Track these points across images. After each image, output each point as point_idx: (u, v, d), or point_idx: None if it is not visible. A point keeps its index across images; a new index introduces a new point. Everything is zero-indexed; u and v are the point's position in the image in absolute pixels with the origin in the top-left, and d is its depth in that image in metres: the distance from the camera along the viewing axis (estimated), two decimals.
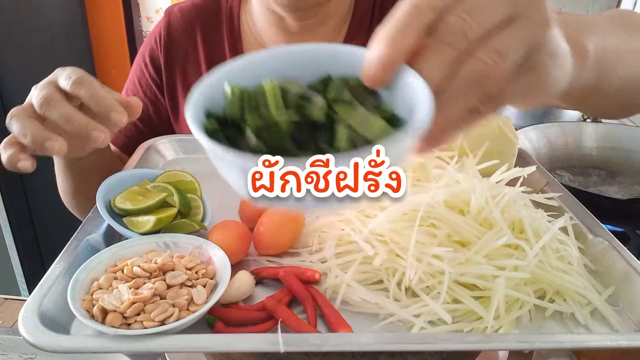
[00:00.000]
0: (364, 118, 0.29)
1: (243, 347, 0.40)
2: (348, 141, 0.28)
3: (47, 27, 1.83)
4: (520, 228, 0.52)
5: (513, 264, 0.47)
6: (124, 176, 0.58)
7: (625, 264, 0.49)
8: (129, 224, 0.52)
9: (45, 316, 0.40)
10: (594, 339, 0.43)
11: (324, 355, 0.44)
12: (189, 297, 0.43)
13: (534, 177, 0.65)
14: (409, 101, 0.29)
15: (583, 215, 0.58)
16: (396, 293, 0.47)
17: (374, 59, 0.29)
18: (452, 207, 0.52)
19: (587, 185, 1.07)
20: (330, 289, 0.48)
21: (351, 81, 0.31)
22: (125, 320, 0.40)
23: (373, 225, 0.50)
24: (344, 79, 0.31)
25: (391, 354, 0.44)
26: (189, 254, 0.48)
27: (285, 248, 0.53)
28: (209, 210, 0.57)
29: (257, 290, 0.49)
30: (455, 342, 0.40)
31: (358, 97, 0.30)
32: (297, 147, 0.29)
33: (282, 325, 0.42)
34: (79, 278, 0.44)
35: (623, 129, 1.18)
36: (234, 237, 0.51)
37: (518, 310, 0.46)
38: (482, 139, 0.65)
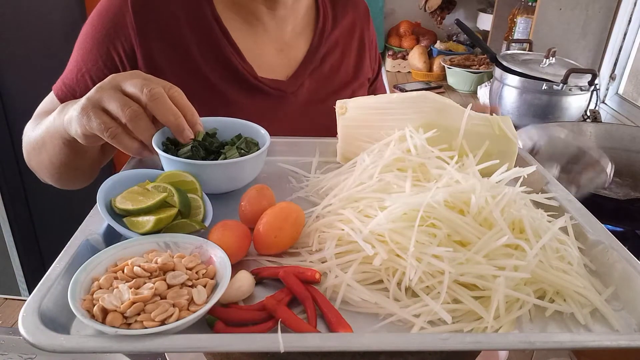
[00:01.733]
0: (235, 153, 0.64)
1: (243, 347, 0.40)
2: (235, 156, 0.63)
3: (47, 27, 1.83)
4: (520, 228, 0.52)
5: (513, 264, 0.47)
6: (124, 176, 0.58)
7: (625, 264, 0.49)
8: (129, 224, 0.52)
9: (45, 316, 0.40)
10: (594, 339, 0.43)
11: (324, 355, 0.44)
12: (189, 297, 0.43)
13: (534, 177, 0.65)
14: None
15: (583, 215, 0.58)
16: (396, 293, 0.47)
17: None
18: (452, 207, 0.52)
19: None
20: (330, 289, 0.48)
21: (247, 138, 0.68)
22: (126, 320, 0.40)
23: (373, 225, 0.50)
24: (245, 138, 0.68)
25: (391, 354, 0.44)
26: (190, 254, 0.48)
27: (285, 248, 0.53)
28: (209, 210, 0.57)
29: (257, 290, 0.49)
30: (455, 342, 0.40)
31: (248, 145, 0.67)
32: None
33: (282, 325, 0.42)
34: (79, 278, 0.44)
35: (623, 129, 1.18)
36: (234, 237, 0.51)
37: (518, 310, 0.46)
38: (482, 139, 0.65)
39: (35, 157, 0.77)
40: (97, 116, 0.58)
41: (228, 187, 0.64)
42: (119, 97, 0.57)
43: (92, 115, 0.58)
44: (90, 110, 0.58)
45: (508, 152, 0.67)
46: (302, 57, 0.89)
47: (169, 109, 0.58)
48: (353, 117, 0.69)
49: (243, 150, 0.65)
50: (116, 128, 0.58)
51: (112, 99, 0.57)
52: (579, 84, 1.38)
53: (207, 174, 0.60)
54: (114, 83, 0.59)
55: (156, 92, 0.57)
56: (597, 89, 1.43)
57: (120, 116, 0.57)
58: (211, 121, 0.69)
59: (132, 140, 0.59)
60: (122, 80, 0.59)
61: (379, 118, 0.68)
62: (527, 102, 1.43)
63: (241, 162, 0.62)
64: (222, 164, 0.61)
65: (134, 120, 0.57)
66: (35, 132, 0.75)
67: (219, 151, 0.65)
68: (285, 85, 0.86)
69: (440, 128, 0.64)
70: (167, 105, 0.58)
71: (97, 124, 0.58)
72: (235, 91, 0.82)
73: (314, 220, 0.56)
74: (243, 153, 0.64)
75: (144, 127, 0.58)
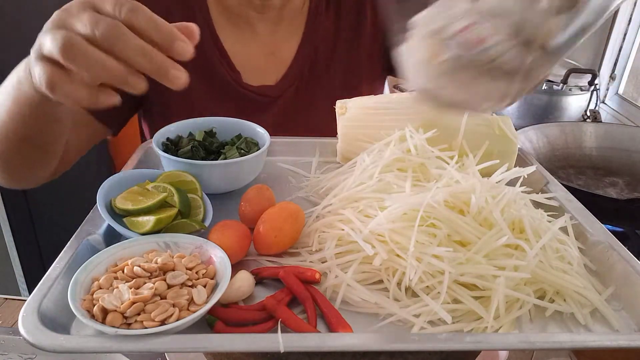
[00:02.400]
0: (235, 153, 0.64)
1: (243, 347, 0.40)
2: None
3: None
4: (520, 228, 0.52)
5: (513, 264, 0.47)
6: (124, 176, 0.58)
7: (625, 264, 0.49)
8: (129, 224, 0.52)
9: (45, 316, 0.40)
10: (594, 339, 0.43)
11: (324, 355, 0.44)
12: (189, 297, 0.43)
13: (534, 177, 0.65)
14: None
15: (583, 215, 0.58)
16: (396, 293, 0.47)
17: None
18: (452, 207, 0.52)
19: (587, 185, 1.07)
20: (330, 289, 0.48)
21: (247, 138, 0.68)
22: (126, 320, 0.40)
23: (373, 225, 0.50)
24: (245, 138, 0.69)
25: (391, 354, 0.44)
26: (190, 254, 0.48)
27: (285, 248, 0.53)
28: (209, 210, 0.57)
29: (257, 290, 0.49)
30: (455, 342, 0.40)
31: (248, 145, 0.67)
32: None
33: (282, 325, 0.42)
34: (79, 278, 0.44)
35: (623, 129, 1.18)
36: (234, 237, 0.51)
37: (518, 310, 0.46)
38: (482, 139, 0.65)
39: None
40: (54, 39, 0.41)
41: (228, 187, 0.64)
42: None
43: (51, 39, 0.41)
44: (49, 33, 0.42)
45: (508, 152, 0.67)
46: (292, 59, 0.85)
47: (133, 48, 0.40)
48: (353, 117, 0.69)
49: (243, 150, 0.65)
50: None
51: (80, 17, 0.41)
52: (579, 84, 1.38)
53: (207, 174, 0.60)
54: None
55: (111, 27, 0.40)
56: (597, 89, 1.43)
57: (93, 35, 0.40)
58: (211, 121, 0.69)
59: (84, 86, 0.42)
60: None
61: (379, 118, 0.68)
62: (527, 102, 1.43)
63: (241, 162, 0.62)
64: (222, 164, 0.61)
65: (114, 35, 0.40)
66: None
67: (219, 151, 0.65)
68: (272, 90, 0.84)
69: (440, 128, 0.64)
70: (130, 44, 0.40)
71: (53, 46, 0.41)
72: (217, 101, 0.81)
73: (314, 220, 0.56)
74: (243, 153, 0.64)
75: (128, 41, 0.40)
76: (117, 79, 0.40)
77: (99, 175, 0.82)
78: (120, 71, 0.40)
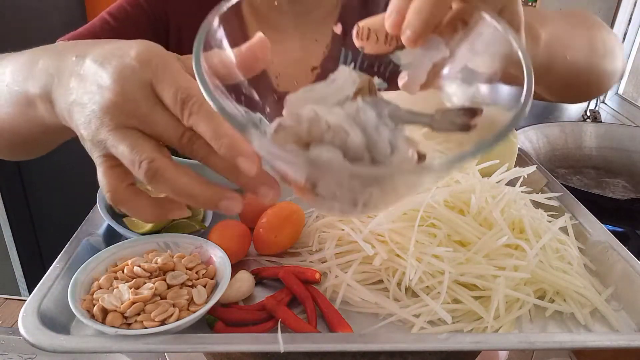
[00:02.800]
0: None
1: (243, 347, 0.40)
2: None
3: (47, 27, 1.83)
4: (520, 228, 0.52)
5: (513, 264, 0.47)
6: None
7: (625, 264, 0.49)
8: (129, 224, 0.52)
9: (45, 316, 0.40)
10: (594, 339, 0.43)
11: (324, 355, 0.44)
12: (189, 297, 0.43)
13: (534, 177, 0.65)
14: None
15: (583, 215, 0.58)
16: (396, 293, 0.47)
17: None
18: (452, 207, 0.52)
19: (587, 185, 1.07)
20: (330, 289, 0.48)
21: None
22: (126, 320, 0.40)
23: (373, 225, 0.50)
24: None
25: (391, 354, 0.44)
26: (189, 254, 0.48)
27: (285, 248, 0.53)
28: (209, 210, 0.57)
29: (257, 290, 0.49)
30: (455, 342, 0.40)
31: None
32: None
33: (282, 325, 0.42)
34: (79, 278, 0.44)
35: (623, 129, 1.18)
36: (234, 237, 0.51)
37: (518, 310, 0.46)
38: None
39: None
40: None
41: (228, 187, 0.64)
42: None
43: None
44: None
45: (508, 152, 0.67)
46: (320, 64, 0.84)
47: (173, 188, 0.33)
48: None
49: None
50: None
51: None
52: None
53: (207, 174, 0.60)
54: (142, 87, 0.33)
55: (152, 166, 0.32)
56: None
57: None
58: None
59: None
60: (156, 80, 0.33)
61: None
62: None
63: None
64: None
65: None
66: None
67: None
68: None
69: None
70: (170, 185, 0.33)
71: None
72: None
73: (314, 220, 0.56)
74: None
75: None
76: (209, 207, 0.34)
77: None
78: (210, 197, 0.34)
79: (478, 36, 0.33)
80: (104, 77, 0.33)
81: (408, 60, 0.35)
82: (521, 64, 0.30)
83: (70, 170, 0.78)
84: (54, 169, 1.66)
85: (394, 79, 0.37)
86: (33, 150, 0.56)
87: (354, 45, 0.37)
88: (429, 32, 0.33)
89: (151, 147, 0.33)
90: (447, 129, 0.32)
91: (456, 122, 0.32)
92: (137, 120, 0.33)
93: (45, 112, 0.40)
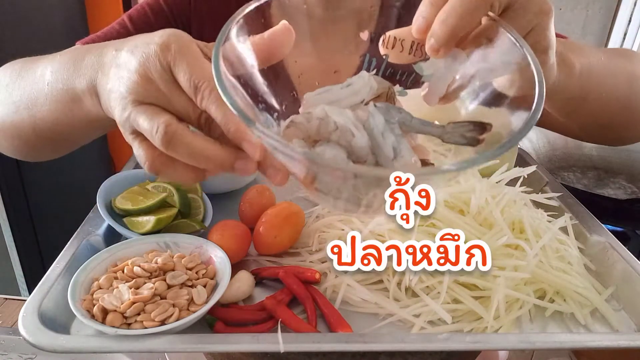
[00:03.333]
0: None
1: (243, 347, 0.40)
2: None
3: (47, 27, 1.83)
4: (520, 228, 0.52)
5: (513, 264, 0.47)
6: (124, 176, 0.58)
7: (625, 264, 0.49)
8: (129, 224, 0.52)
9: (45, 316, 0.40)
10: (594, 339, 0.43)
11: (324, 355, 0.44)
12: (189, 297, 0.43)
13: (534, 177, 0.65)
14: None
15: (583, 215, 0.58)
16: (396, 293, 0.47)
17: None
18: (452, 207, 0.52)
19: (587, 185, 1.07)
20: (330, 289, 0.48)
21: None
22: (126, 320, 0.40)
23: (373, 225, 0.50)
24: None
25: (391, 354, 0.44)
26: (189, 254, 0.48)
27: (285, 248, 0.53)
28: (209, 210, 0.57)
29: (257, 290, 0.49)
30: (455, 342, 0.40)
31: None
32: None
33: (282, 325, 0.42)
34: (79, 278, 0.44)
35: None
36: (234, 237, 0.51)
37: (518, 310, 0.46)
38: None
39: (7, 115, 0.52)
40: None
41: (228, 187, 0.64)
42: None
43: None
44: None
45: (508, 152, 0.67)
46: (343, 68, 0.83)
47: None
48: None
49: None
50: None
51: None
52: None
53: None
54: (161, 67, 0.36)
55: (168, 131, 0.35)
56: None
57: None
58: None
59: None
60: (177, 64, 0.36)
61: None
62: None
63: None
64: None
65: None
66: (18, 82, 0.52)
67: None
68: None
69: None
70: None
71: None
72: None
73: (314, 220, 0.56)
74: None
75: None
76: (225, 169, 0.36)
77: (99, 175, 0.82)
78: (225, 159, 0.35)
79: (496, 52, 0.34)
80: (132, 63, 0.36)
81: (430, 72, 0.36)
82: (533, 73, 0.30)
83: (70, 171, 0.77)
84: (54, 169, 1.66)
85: (414, 88, 0.37)
86: (66, 147, 0.57)
87: (379, 53, 0.38)
88: (452, 44, 0.34)
89: (168, 116, 0.35)
90: (457, 141, 0.33)
91: (466, 135, 0.33)
92: (156, 98, 0.36)
93: (92, 106, 0.43)
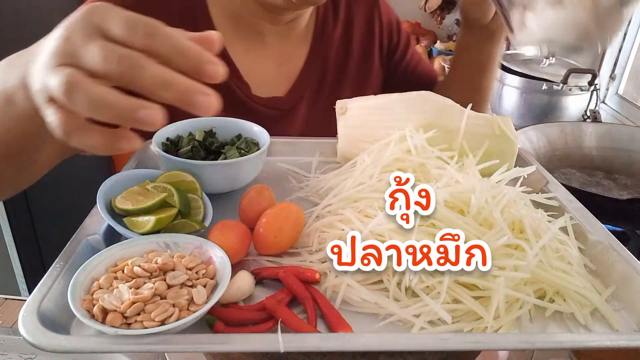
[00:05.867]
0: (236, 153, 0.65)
1: (243, 347, 0.40)
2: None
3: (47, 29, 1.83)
4: (520, 228, 0.52)
5: (513, 264, 0.47)
6: (124, 176, 0.58)
7: (625, 264, 0.49)
8: (129, 224, 0.52)
9: (45, 316, 0.40)
10: (594, 339, 0.43)
11: (324, 355, 0.44)
12: (189, 297, 0.43)
13: (534, 177, 0.65)
14: None
15: (583, 215, 0.58)
16: (396, 293, 0.47)
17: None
18: (452, 207, 0.52)
19: (587, 185, 1.07)
20: (330, 289, 0.48)
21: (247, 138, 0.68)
22: (126, 320, 0.40)
23: (373, 225, 0.50)
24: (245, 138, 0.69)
25: (391, 354, 0.44)
26: (189, 254, 0.48)
27: (285, 248, 0.53)
28: (209, 210, 0.57)
29: (257, 290, 0.49)
30: (455, 342, 0.40)
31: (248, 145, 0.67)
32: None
33: (282, 325, 0.42)
34: (79, 278, 0.44)
35: (623, 129, 1.18)
36: (234, 237, 0.51)
37: (518, 310, 0.46)
38: (482, 139, 0.65)
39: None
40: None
41: (228, 187, 0.64)
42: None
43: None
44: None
45: (508, 152, 0.67)
46: (300, 69, 0.84)
47: (149, 81, 0.34)
48: (353, 117, 0.69)
49: (243, 151, 0.65)
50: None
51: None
52: (579, 84, 1.38)
53: (207, 174, 0.60)
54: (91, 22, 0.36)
55: (124, 56, 0.34)
56: (597, 89, 1.43)
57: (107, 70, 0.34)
58: (211, 121, 0.69)
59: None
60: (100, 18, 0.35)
61: (379, 118, 0.68)
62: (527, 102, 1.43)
63: (241, 162, 0.62)
64: (222, 164, 0.61)
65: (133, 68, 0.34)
66: None
67: (219, 151, 0.65)
68: (282, 102, 0.83)
69: (440, 128, 0.64)
70: (145, 77, 0.34)
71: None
72: (227, 113, 0.80)
73: (314, 220, 0.56)
74: (243, 153, 0.64)
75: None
76: (128, 119, 0.34)
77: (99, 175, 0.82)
78: (128, 106, 0.34)
79: None
80: (55, 33, 0.36)
81: None
82: None
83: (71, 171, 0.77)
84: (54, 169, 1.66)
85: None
86: (19, 168, 0.56)
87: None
88: None
89: (75, 69, 0.34)
90: None
91: None
92: (74, 58, 0.35)
93: (24, 100, 0.42)
